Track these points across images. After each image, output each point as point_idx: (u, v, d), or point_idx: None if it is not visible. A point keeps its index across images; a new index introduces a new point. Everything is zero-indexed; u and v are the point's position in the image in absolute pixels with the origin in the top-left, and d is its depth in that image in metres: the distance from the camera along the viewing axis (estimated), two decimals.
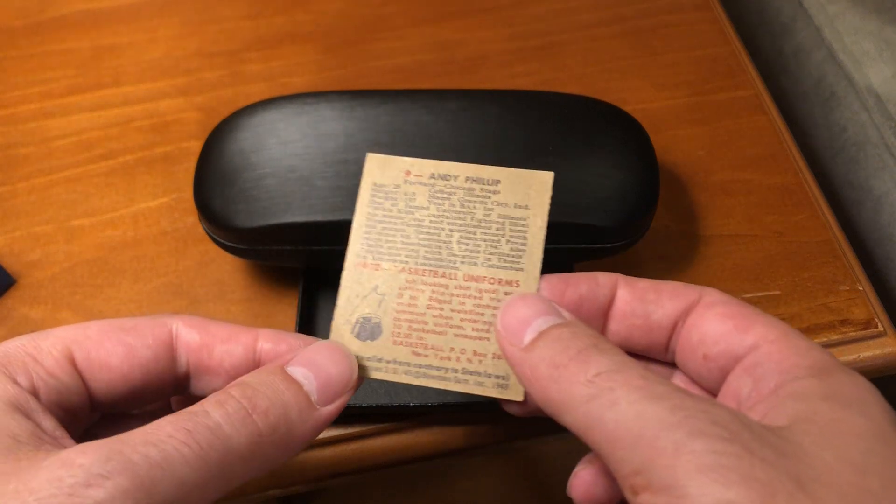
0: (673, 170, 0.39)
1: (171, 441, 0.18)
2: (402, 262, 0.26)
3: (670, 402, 0.18)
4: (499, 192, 0.26)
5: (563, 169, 0.29)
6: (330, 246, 0.31)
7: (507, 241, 0.25)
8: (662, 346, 0.24)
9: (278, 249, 0.31)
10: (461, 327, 0.25)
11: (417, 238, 0.26)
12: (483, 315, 0.25)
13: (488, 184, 0.26)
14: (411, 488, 0.58)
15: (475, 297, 0.25)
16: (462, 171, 0.27)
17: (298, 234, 0.30)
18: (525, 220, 0.26)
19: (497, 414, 0.32)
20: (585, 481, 0.23)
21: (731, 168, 0.40)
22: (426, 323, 0.25)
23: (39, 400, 0.20)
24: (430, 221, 0.26)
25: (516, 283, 0.25)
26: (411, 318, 0.25)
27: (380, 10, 0.47)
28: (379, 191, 0.27)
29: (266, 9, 0.48)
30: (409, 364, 0.25)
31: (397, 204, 0.26)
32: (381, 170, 0.27)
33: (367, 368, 0.25)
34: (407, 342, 0.25)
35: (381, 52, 0.45)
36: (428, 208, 0.26)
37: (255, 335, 0.23)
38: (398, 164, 0.27)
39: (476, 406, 0.31)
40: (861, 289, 0.35)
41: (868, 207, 0.43)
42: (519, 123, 0.32)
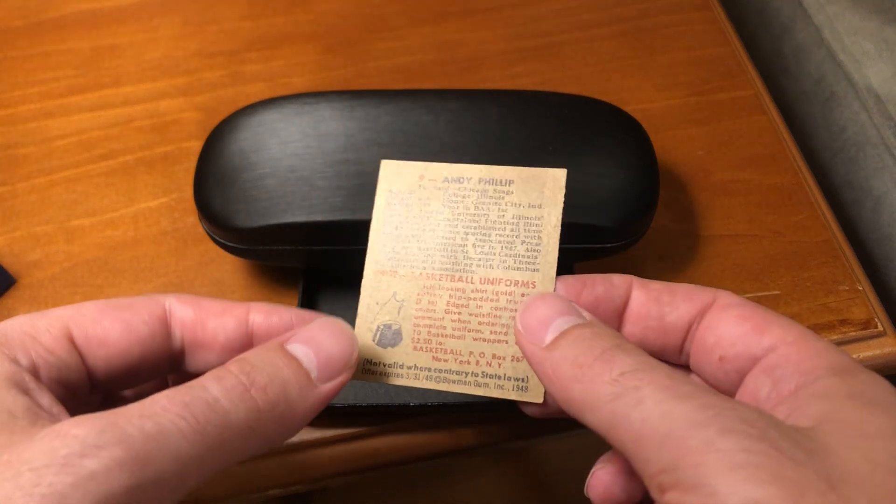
0: (673, 170, 0.39)
1: (167, 414, 0.18)
2: (419, 268, 0.26)
3: (698, 401, 0.18)
4: (512, 192, 0.26)
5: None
6: (330, 246, 0.31)
7: (522, 242, 0.25)
8: (677, 349, 0.24)
9: (278, 249, 0.31)
10: (479, 331, 0.25)
11: (433, 243, 0.26)
12: (500, 318, 0.25)
13: (501, 184, 0.26)
14: (411, 488, 0.58)
15: (492, 300, 0.25)
16: (475, 172, 0.27)
17: (298, 234, 0.31)
18: (539, 219, 0.26)
19: (497, 414, 0.33)
20: (604, 481, 0.23)
21: (730, 168, 0.40)
22: (445, 328, 0.25)
23: (39, 378, 0.20)
24: (446, 226, 0.26)
25: (532, 284, 0.25)
26: (430, 324, 0.25)
27: (380, 10, 0.47)
28: (394, 197, 0.27)
29: (266, 9, 0.48)
30: (430, 369, 0.25)
31: (412, 209, 0.26)
32: (395, 176, 0.27)
33: (389, 375, 0.25)
34: (427, 347, 0.25)
35: (382, 52, 0.45)
36: (442, 213, 0.26)
37: (246, 308, 0.23)
38: (411, 168, 0.27)
39: (476, 406, 0.31)
40: (861, 289, 0.35)
41: (868, 207, 0.43)
42: (519, 123, 0.32)
